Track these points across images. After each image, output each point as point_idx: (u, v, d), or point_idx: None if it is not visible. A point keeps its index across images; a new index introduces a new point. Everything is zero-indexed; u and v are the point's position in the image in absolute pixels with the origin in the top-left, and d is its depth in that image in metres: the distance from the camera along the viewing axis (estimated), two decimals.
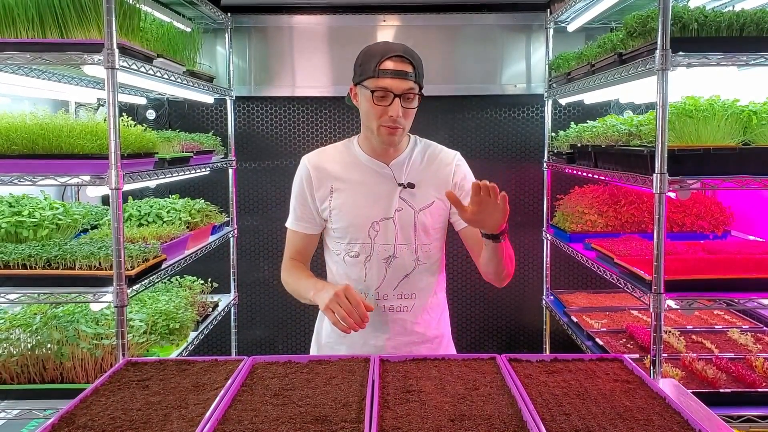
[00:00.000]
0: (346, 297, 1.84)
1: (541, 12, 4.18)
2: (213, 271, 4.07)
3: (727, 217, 3.36)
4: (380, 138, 2.03)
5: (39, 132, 2.45)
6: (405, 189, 2.09)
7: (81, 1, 2.35)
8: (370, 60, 1.98)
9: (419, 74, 2.00)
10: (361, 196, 2.09)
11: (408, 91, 1.96)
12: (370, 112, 2.00)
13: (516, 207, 4.38)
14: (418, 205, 2.10)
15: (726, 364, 2.60)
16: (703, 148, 2.35)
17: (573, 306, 3.76)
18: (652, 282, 2.35)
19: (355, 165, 2.13)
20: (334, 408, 1.47)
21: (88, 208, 3.38)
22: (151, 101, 4.21)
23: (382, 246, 2.09)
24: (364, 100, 2.02)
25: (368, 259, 2.10)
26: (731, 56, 2.33)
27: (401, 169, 2.12)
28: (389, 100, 1.95)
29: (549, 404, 1.50)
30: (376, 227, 2.08)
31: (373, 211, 2.09)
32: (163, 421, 1.42)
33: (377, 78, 1.95)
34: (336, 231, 2.13)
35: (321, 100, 4.30)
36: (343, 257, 2.13)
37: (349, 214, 2.09)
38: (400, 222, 2.08)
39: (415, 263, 2.11)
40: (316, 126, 4.33)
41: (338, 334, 2.16)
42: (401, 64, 1.96)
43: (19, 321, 2.65)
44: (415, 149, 2.16)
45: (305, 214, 2.16)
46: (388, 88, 1.94)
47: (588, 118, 3.92)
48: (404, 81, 1.95)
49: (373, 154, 2.13)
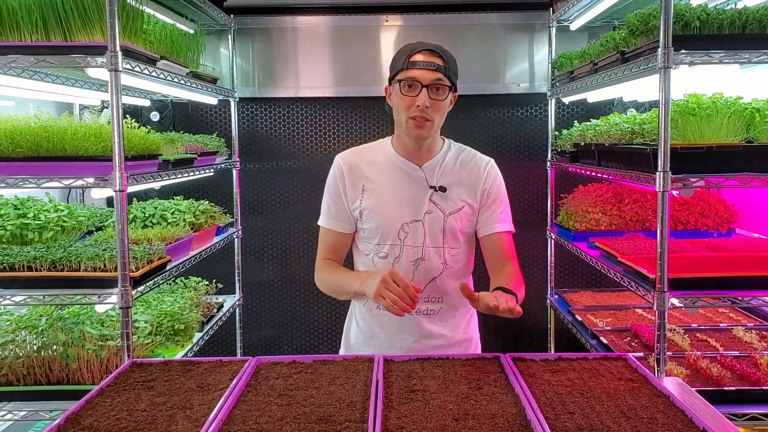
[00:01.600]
0: (393, 281, 1.82)
1: (543, 11, 4.18)
2: (218, 271, 4.08)
3: (731, 214, 3.35)
4: (409, 132, 2.02)
5: (43, 135, 2.46)
6: (436, 192, 2.08)
7: (84, 4, 2.36)
8: (401, 55, 2.01)
9: (450, 69, 2.00)
10: (391, 197, 2.09)
11: (436, 82, 1.96)
12: (399, 104, 2.00)
13: (520, 206, 4.38)
14: (448, 209, 2.08)
15: (730, 361, 2.59)
16: (706, 146, 2.35)
17: (577, 305, 3.76)
18: (656, 280, 2.35)
19: (387, 165, 2.13)
20: (339, 408, 1.48)
21: (93, 209, 3.40)
22: (154, 103, 4.22)
23: (410, 248, 2.08)
24: (394, 95, 2.03)
25: (397, 260, 2.09)
26: (733, 54, 2.32)
27: (433, 172, 2.10)
28: (417, 90, 1.95)
29: (553, 403, 1.50)
30: (406, 229, 2.08)
31: (404, 212, 2.08)
32: (168, 421, 1.42)
33: (406, 70, 1.97)
34: (366, 231, 2.12)
35: (324, 101, 4.30)
36: (372, 258, 2.12)
37: (379, 215, 2.08)
38: (429, 225, 2.07)
39: (443, 267, 2.10)
40: (320, 127, 4.33)
41: (366, 334, 2.17)
42: (431, 56, 1.98)
43: (25, 323, 2.67)
44: (448, 153, 2.15)
45: (339, 212, 2.14)
46: (416, 77, 1.95)
47: (591, 117, 3.92)
48: (433, 72, 1.96)
49: (406, 155, 2.12)
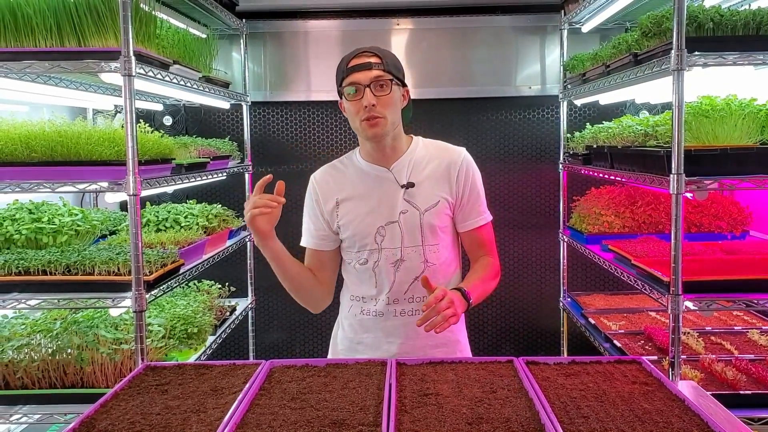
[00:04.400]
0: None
1: (555, 13, 4.17)
2: (230, 275, 4.10)
3: (745, 217, 3.33)
4: (365, 134, 2.03)
5: (58, 139, 2.48)
6: (408, 190, 2.08)
7: (98, 10, 2.37)
8: (340, 66, 2.06)
9: (389, 64, 2.02)
10: (364, 204, 2.10)
11: (376, 79, 1.98)
12: (351, 110, 2.03)
13: (532, 209, 4.38)
14: (423, 205, 2.08)
15: (746, 365, 2.57)
16: (720, 148, 2.33)
17: (590, 308, 3.74)
18: (670, 283, 2.33)
19: (357, 174, 2.14)
20: (352, 411, 1.48)
21: (107, 214, 3.41)
22: (167, 107, 4.25)
23: (389, 250, 2.08)
24: (345, 104, 2.06)
25: (376, 264, 2.09)
26: (748, 55, 2.31)
27: (402, 171, 2.11)
28: (360, 93, 1.98)
29: (567, 407, 1.49)
30: (382, 232, 2.08)
31: (378, 216, 2.09)
32: (182, 425, 1.43)
33: (346, 76, 2.00)
34: (345, 241, 2.14)
35: (336, 105, 4.25)
36: (354, 265, 2.14)
37: (354, 222, 2.10)
38: (405, 224, 2.08)
39: (424, 265, 2.09)
40: (331, 130, 4.34)
41: (353, 340, 2.18)
42: (365, 57, 2.01)
43: (40, 326, 2.68)
44: (416, 150, 2.15)
45: (318, 230, 2.17)
46: (356, 80, 1.98)
47: (603, 119, 3.90)
48: (370, 71, 1.98)
49: (372, 160, 2.13)
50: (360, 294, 2.15)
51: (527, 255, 4.43)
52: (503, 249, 4.37)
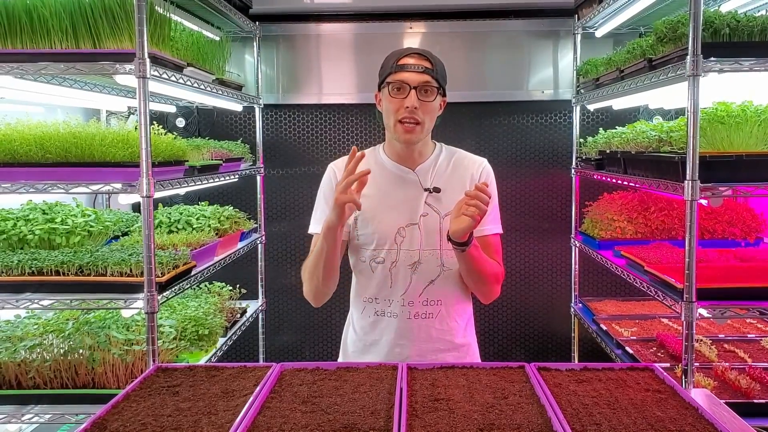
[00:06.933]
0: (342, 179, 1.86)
1: (568, 18, 4.15)
2: (241, 277, 4.10)
3: (759, 224, 3.30)
4: (398, 136, 2.03)
5: (72, 141, 2.49)
6: (431, 194, 2.09)
7: (113, 12, 2.39)
8: (390, 60, 2.05)
9: (438, 72, 2.02)
10: (386, 203, 2.10)
11: (424, 84, 1.98)
12: (389, 107, 2.02)
13: (544, 213, 4.36)
14: (444, 210, 2.09)
15: (760, 373, 2.55)
16: (736, 155, 2.32)
17: (602, 314, 3.73)
18: (683, 290, 2.32)
19: (380, 171, 2.14)
20: (363, 416, 1.47)
21: (119, 215, 3.43)
22: (180, 109, 4.26)
23: (407, 252, 2.08)
24: (384, 99, 2.05)
25: (394, 265, 2.09)
26: (764, 61, 2.29)
27: (427, 174, 2.12)
28: (405, 92, 1.98)
29: (579, 414, 1.48)
30: (403, 233, 2.08)
31: (399, 216, 2.09)
32: (193, 427, 1.43)
33: (395, 73, 2.00)
34: (361, 237, 2.12)
35: (348, 108, 4.32)
36: (369, 263, 2.13)
37: (374, 220, 2.09)
38: (425, 227, 2.08)
39: (440, 269, 2.10)
40: (343, 133, 4.35)
41: (365, 342, 2.18)
42: (419, 59, 2.01)
43: (52, 327, 2.70)
44: (440, 155, 2.17)
45: None
46: (405, 80, 1.98)
47: (617, 124, 3.88)
48: (421, 74, 1.98)
49: (398, 160, 2.14)
50: (373, 295, 2.14)
51: (539, 260, 4.41)
52: (515, 253, 4.36)
